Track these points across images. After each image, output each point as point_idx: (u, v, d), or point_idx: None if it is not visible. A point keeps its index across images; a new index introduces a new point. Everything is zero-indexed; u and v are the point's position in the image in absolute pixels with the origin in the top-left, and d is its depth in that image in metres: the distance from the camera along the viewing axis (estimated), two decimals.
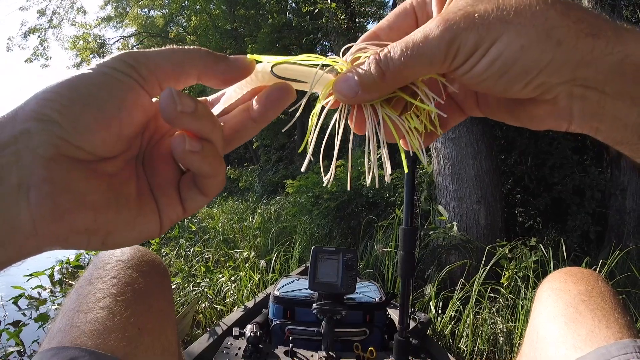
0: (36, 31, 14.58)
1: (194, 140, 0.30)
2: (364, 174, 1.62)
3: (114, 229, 0.30)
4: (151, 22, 16.57)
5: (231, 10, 13.53)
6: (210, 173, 0.32)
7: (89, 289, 0.64)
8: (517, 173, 4.75)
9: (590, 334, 0.61)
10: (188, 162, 0.31)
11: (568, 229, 4.22)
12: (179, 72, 0.31)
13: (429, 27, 0.30)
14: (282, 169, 10.19)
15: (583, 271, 0.78)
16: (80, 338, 0.56)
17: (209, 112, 0.31)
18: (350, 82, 0.33)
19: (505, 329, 2.44)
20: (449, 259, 3.36)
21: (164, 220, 0.34)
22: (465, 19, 0.29)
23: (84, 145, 0.28)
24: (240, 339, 1.48)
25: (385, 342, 1.64)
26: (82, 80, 0.28)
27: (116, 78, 0.29)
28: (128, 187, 0.32)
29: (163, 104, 0.29)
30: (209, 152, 0.31)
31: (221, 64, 0.33)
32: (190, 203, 0.34)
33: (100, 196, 0.29)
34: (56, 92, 0.27)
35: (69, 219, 0.27)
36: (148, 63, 0.30)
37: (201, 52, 0.32)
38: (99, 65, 0.29)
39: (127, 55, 0.30)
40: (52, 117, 0.26)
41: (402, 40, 0.31)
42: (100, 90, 0.28)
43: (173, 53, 0.31)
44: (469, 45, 0.29)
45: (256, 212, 6.36)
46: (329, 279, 1.45)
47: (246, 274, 3.01)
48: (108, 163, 0.30)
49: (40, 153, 0.26)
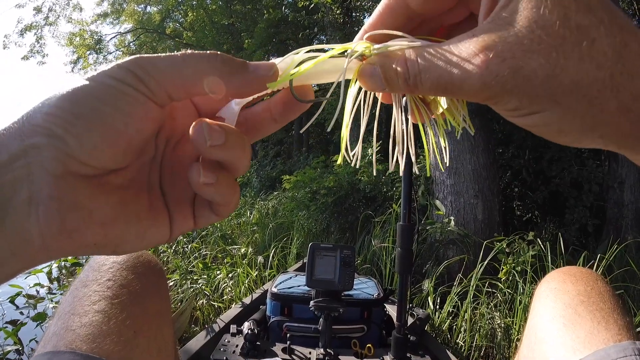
0: (32, 28, 14.49)
1: (209, 172, 0.30)
2: (361, 169, 1.62)
3: (124, 242, 0.30)
4: (148, 18, 16.47)
5: (228, 6, 13.48)
6: (222, 202, 0.32)
7: (85, 292, 0.63)
8: (514, 166, 4.76)
9: (589, 336, 0.61)
10: (202, 192, 0.31)
11: (566, 222, 4.24)
12: (190, 85, 0.29)
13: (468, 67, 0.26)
14: (280, 164, 10.18)
15: (582, 271, 0.78)
16: (75, 342, 0.55)
17: (239, 140, 0.30)
18: (377, 80, 0.31)
19: (503, 324, 2.44)
20: (446, 254, 3.36)
21: (175, 230, 0.33)
22: (511, 76, 0.25)
23: (91, 162, 0.27)
24: (237, 336, 1.48)
25: (383, 339, 1.64)
26: (86, 94, 0.27)
27: (122, 91, 0.27)
28: (139, 200, 0.31)
29: (193, 137, 0.29)
30: (223, 183, 0.30)
31: (237, 78, 0.30)
32: (202, 220, 0.34)
33: (110, 212, 0.28)
34: (60, 107, 0.26)
35: (77, 236, 0.27)
36: (157, 75, 0.28)
37: (217, 62, 0.29)
38: (103, 75, 0.27)
39: (134, 65, 0.28)
40: (58, 133, 0.25)
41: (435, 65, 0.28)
42: (105, 106, 0.27)
43: (184, 64, 0.28)
44: (508, 105, 0.27)
45: (254, 207, 6.35)
46: (327, 276, 1.45)
47: (244, 270, 3.01)
48: (118, 174, 0.30)
49: (48, 170, 0.25)
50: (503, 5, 0.26)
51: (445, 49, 0.27)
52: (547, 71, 0.24)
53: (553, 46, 0.24)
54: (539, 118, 0.26)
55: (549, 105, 0.25)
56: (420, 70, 0.28)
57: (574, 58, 0.24)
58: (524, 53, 0.24)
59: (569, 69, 0.24)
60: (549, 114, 0.26)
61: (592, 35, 0.24)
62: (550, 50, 0.24)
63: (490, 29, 0.26)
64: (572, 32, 0.24)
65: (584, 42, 0.23)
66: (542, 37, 0.24)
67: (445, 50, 0.27)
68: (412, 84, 0.29)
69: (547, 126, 0.26)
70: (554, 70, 0.24)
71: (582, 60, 0.24)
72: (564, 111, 0.25)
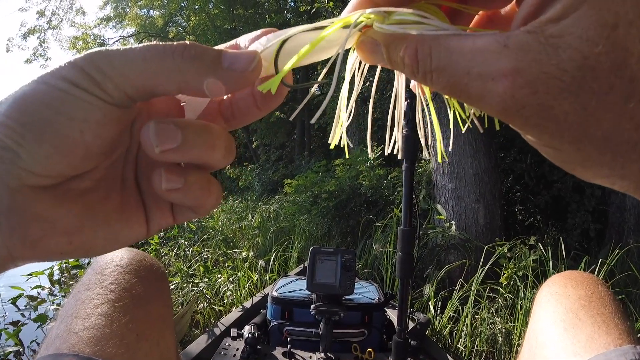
0: (35, 32, 14.55)
1: (173, 176, 0.27)
2: (362, 173, 1.62)
3: (93, 247, 0.28)
4: (150, 22, 16.53)
5: (230, 10, 13.52)
6: (195, 205, 0.29)
7: (87, 295, 0.63)
8: (516, 170, 4.75)
9: (589, 340, 0.61)
10: (169, 199, 0.28)
11: (568, 227, 4.22)
12: (152, 86, 0.25)
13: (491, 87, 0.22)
14: (282, 168, 10.18)
15: (583, 275, 0.78)
16: (78, 345, 0.55)
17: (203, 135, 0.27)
18: (379, 57, 0.28)
19: (504, 329, 2.44)
20: (447, 259, 3.35)
21: (152, 227, 0.31)
22: (537, 112, 0.21)
23: (48, 173, 0.25)
24: (238, 340, 1.48)
25: (383, 343, 1.64)
26: (34, 101, 0.24)
27: (74, 96, 0.24)
28: (108, 201, 0.29)
29: (142, 143, 0.26)
30: (194, 185, 0.28)
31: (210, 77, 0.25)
32: (181, 217, 0.32)
33: (74, 220, 0.26)
34: (10, 117, 0.23)
35: (41, 246, 0.25)
36: (113, 76, 0.24)
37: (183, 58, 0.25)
38: (54, 77, 0.24)
39: (88, 64, 0.24)
40: (10, 146, 0.23)
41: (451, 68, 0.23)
42: (56, 114, 0.24)
43: (144, 62, 0.24)
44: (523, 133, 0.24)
45: (255, 211, 6.36)
46: (327, 280, 1.45)
47: (245, 274, 3.01)
48: (84, 177, 0.27)
49: (5, 182, 0.24)
50: (552, 19, 0.20)
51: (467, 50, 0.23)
52: (580, 119, 0.21)
53: (596, 94, 0.20)
54: (553, 152, 0.24)
55: (570, 148, 0.22)
56: (433, 69, 0.24)
57: (613, 113, 0.20)
58: (560, 91, 0.20)
59: (603, 123, 0.20)
60: (566, 155, 0.23)
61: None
62: (591, 98, 0.20)
63: (528, 45, 0.21)
64: (624, 84, 0.20)
65: (632, 102, 0.20)
66: (587, 79, 0.20)
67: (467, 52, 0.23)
68: (421, 78, 0.25)
69: (562, 163, 0.24)
70: (587, 120, 0.21)
71: (622, 118, 0.20)
72: (583, 157, 0.22)
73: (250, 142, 13.22)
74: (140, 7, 16.31)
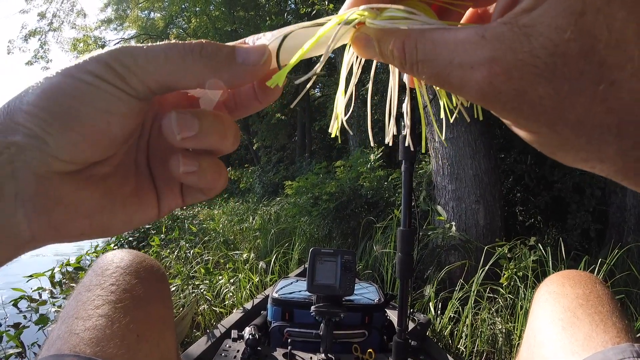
0: (37, 34, 14.57)
1: (189, 160, 0.29)
2: (363, 175, 1.62)
3: (110, 227, 0.30)
4: (151, 24, 16.54)
5: (231, 12, 13.54)
6: (208, 187, 0.32)
7: (88, 296, 0.64)
8: (517, 171, 4.75)
9: (587, 339, 0.61)
10: (185, 181, 0.31)
11: (568, 227, 4.22)
12: (174, 82, 0.27)
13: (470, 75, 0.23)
14: (283, 170, 10.18)
15: (581, 274, 0.78)
16: (79, 346, 0.55)
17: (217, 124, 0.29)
18: (372, 50, 0.29)
19: (504, 330, 2.44)
20: (448, 259, 3.36)
21: (163, 208, 0.33)
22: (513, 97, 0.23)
23: (73, 160, 0.26)
24: (238, 341, 1.48)
25: (384, 344, 1.64)
26: (61, 92, 0.25)
27: (101, 89, 0.26)
28: (125, 185, 0.31)
29: (164, 132, 0.28)
30: (207, 168, 0.30)
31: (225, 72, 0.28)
32: (190, 199, 0.34)
33: (95, 203, 0.28)
34: (38, 106, 0.25)
35: (64, 229, 0.27)
36: (137, 71, 0.26)
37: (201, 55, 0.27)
38: (80, 70, 0.26)
39: (113, 59, 0.26)
40: (38, 134, 0.25)
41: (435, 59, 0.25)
42: (83, 105, 0.25)
43: (167, 59, 0.27)
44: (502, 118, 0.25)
45: (256, 213, 6.36)
46: (328, 281, 1.45)
47: (245, 275, 3.01)
48: (104, 163, 0.29)
49: (32, 169, 0.25)
50: (525, 9, 0.22)
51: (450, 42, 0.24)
52: (553, 103, 0.22)
53: (567, 79, 0.21)
54: (532, 137, 0.25)
55: (547, 131, 0.23)
56: (419, 60, 0.26)
57: (585, 97, 0.21)
58: (534, 77, 0.21)
59: (576, 106, 0.21)
60: (545, 137, 0.24)
61: (612, 77, 0.20)
62: (563, 82, 0.21)
63: (503, 36, 0.22)
64: (593, 68, 0.20)
65: (601, 84, 0.21)
66: (559, 65, 0.21)
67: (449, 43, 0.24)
68: (409, 69, 0.27)
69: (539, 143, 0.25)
70: (561, 103, 0.22)
71: (593, 101, 0.21)
72: (560, 140, 0.23)
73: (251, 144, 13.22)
74: (141, 9, 16.35)
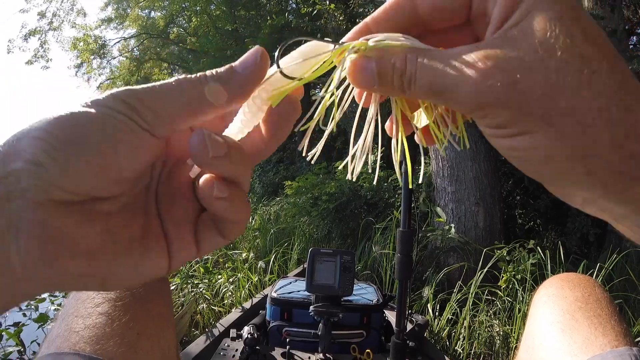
0: (36, 33, 14.51)
1: (222, 185, 0.28)
2: (362, 175, 1.62)
3: (112, 275, 0.27)
4: (152, 23, 16.48)
5: (232, 11, 13.51)
6: (235, 219, 0.30)
7: (88, 294, 0.64)
8: (517, 174, 4.74)
9: (586, 342, 0.61)
10: (215, 208, 0.29)
11: (568, 231, 4.22)
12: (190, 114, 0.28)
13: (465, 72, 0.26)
14: (283, 170, 10.16)
15: (580, 277, 0.78)
16: (79, 344, 0.56)
17: (243, 156, 0.29)
18: (368, 74, 0.30)
19: (502, 332, 2.44)
20: (447, 261, 3.36)
21: (174, 261, 0.30)
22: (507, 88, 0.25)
23: (76, 190, 0.25)
24: (237, 340, 1.48)
25: (382, 344, 1.64)
26: (76, 120, 0.25)
27: (114, 118, 0.26)
28: (130, 228, 0.29)
29: (194, 149, 0.27)
30: (236, 197, 0.29)
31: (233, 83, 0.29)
32: (207, 244, 0.31)
33: (95, 241, 0.26)
34: (48, 132, 0.24)
35: (59, 266, 0.25)
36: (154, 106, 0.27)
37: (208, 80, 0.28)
38: (95, 103, 0.26)
39: (126, 95, 0.26)
40: (41, 160, 0.24)
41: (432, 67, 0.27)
42: (92, 132, 0.25)
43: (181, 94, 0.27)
44: (498, 120, 0.26)
45: (256, 212, 6.36)
46: (326, 281, 1.45)
47: (244, 275, 3.01)
48: (108, 201, 0.28)
49: (29, 197, 0.24)
50: (512, 24, 0.26)
51: (446, 54, 0.27)
52: (544, 90, 0.24)
53: (554, 68, 0.24)
54: (527, 140, 0.26)
55: (542, 125, 0.25)
56: (417, 68, 0.28)
57: (573, 82, 0.24)
58: (524, 69, 0.24)
59: (566, 91, 0.24)
60: (540, 136, 0.25)
61: (593, 67, 0.24)
62: (550, 71, 0.24)
63: (494, 43, 0.26)
64: (575, 59, 0.24)
65: (584, 70, 0.24)
66: (545, 58, 0.24)
67: (446, 54, 0.27)
68: (407, 82, 0.28)
69: (535, 149, 0.26)
70: (551, 90, 0.24)
71: (581, 87, 0.24)
72: (555, 135, 0.24)
73: None
74: (142, 8, 16.31)
